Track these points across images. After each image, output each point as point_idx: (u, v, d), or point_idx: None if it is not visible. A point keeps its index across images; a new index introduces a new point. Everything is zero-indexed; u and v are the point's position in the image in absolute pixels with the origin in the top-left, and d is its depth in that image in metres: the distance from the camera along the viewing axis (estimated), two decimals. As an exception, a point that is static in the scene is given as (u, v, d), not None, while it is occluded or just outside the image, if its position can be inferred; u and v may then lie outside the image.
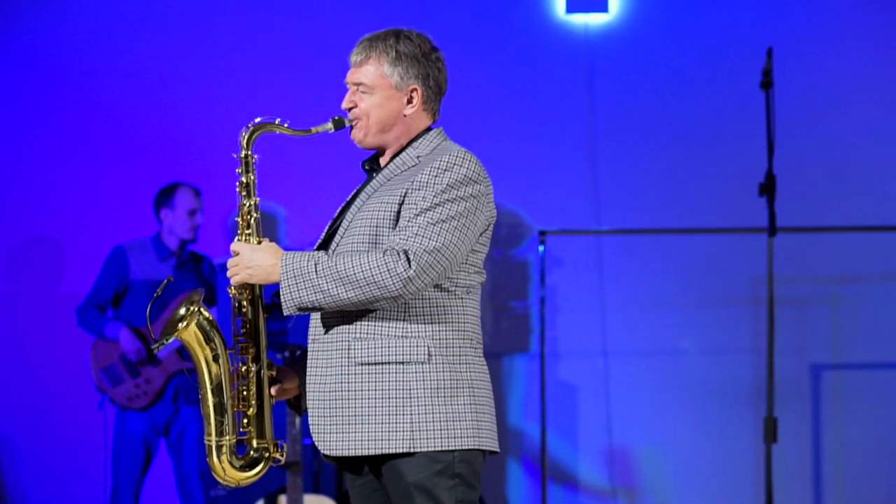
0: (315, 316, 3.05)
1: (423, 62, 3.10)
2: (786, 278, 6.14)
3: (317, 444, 3.02)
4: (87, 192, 6.51)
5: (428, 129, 3.15)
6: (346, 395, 2.97)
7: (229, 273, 3.03)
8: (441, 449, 2.95)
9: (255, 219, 3.05)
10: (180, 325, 3.01)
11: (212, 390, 3.04)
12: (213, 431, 3.05)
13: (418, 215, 2.94)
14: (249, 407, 3.05)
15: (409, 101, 3.10)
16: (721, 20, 6.55)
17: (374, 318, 2.98)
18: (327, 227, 3.16)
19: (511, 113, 6.56)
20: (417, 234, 2.92)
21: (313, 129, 3.09)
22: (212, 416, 3.04)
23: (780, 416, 5.49)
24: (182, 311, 3.02)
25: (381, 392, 2.95)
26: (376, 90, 3.08)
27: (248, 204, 3.05)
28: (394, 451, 2.94)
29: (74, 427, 6.42)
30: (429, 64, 3.11)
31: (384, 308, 2.97)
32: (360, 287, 2.89)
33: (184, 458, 5.90)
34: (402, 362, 2.96)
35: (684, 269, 6.49)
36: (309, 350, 3.06)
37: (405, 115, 3.10)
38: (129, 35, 6.57)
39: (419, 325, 2.98)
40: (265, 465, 3.09)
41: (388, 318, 2.98)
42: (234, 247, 3.03)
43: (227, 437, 3.04)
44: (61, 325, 6.25)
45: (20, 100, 6.56)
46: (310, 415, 3.03)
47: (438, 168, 2.98)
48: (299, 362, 3.16)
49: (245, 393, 3.05)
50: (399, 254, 2.89)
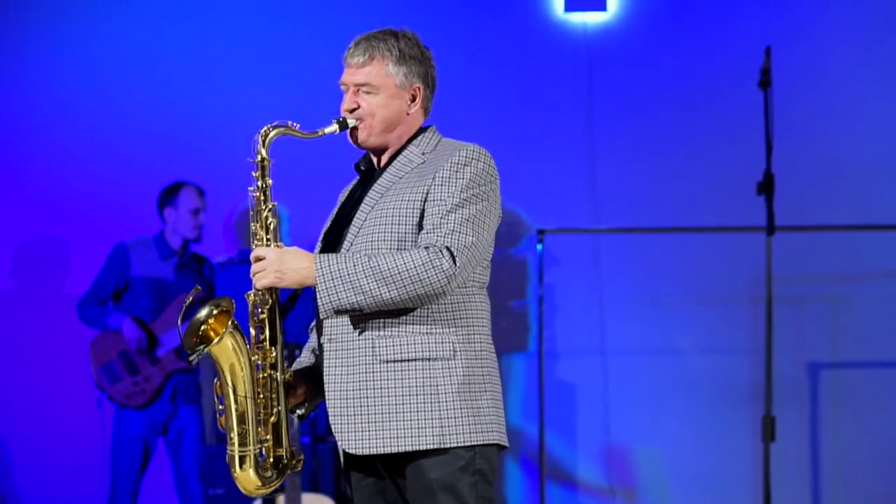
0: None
1: (422, 61, 3.11)
2: (784, 277, 6.14)
3: (341, 443, 2.97)
4: (92, 192, 6.51)
5: (423, 128, 3.15)
6: (373, 394, 2.94)
7: (255, 277, 2.96)
8: (468, 444, 2.94)
9: (273, 224, 3.00)
10: (203, 329, 2.95)
11: (237, 401, 2.98)
12: (236, 442, 2.98)
13: (450, 212, 2.93)
14: (270, 415, 3.01)
15: (413, 100, 3.10)
16: (719, 19, 6.55)
17: (398, 316, 2.95)
18: (327, 228, 3.14)
19: (509, 111, 6.56)
20: (454, 231, 2.92)
21: (320, 132, 3.06)
22: (235, 427, 2.98)
23: (778, 415, 5.49)
24: (203, 313, 2.96)
25: (409, 389, 2.93)
26: (381, 90, 3.07)
27: (265, 209, 3.01)
28: (424, 447, 2.92)
29: (75, 426, 6.42)
30: (426, 62, 3.12)
31: (415, 307, 2.95)
32: (405, 285, 2.87)
33: (182, 458, 5.90)
34: (429, 359, 2.95)
35: (683, 268, 6.49)
36: (325, 350, 3.02)
37: (408, 114, 3.10)
38: (134, 34, 6.57)
39: (443, 322, 2.98)
40: (283, 473, 3.04)
41: (412, 316, 2.96)
42: (257, 252, 2.97)
43: (250, 448, 2.99)
44: (66, 324, 6.24)
45: (25, 99, 6.56)
46: (332, 414, 2.98)
47: (458, 163, 2.98)
48: (303, 367, 3.14)
49: (264, 400, 3.00)
50: (441, 250, 2.89)
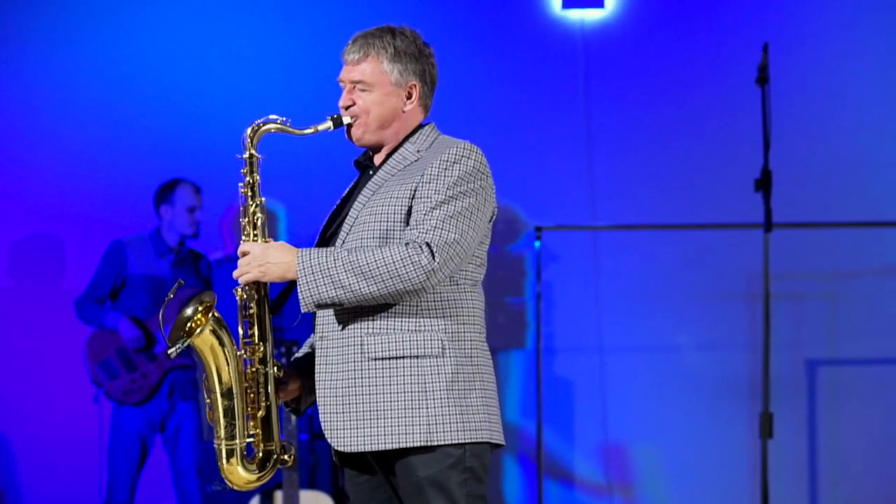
0: (323, 314, 3.02)
1: (420, 58, 3.10)
2: (781, 274, 6.14)
3: (330, 441, 2.97)
4: (88, 189, 6.51)
5: (421, 125, 3.14)
6: (361, 391, 2.94)
7: (239, 272, 2.97)
8: (457, 442, 2.94)
9: (261, 220, 3.01)
10: (189, 326, 2.97)
11: (223, 394, 2.99)
12: (222, 435, 3.00)
13: (434, 208, 2.93)
14: (258, 409, 3.01)
15: (409, 98, 3.10)
16: (716, 16, 6.55)
17: (387, 313, 2.95)
18: (324, 224, 3.14)
19: (507, 109, 6.56)
20: (436, 227, 2.91)
21: (314, 128, 3.06)
22: (222, 420, 3.00)
23: (776, 411, 5.49)
24: (189, 310, 2.97)
25: (397, 386, 2.93)
26: (376, 87, 3.06)
27: (253, 205, 3.02)
28: (411, 444, 2.92)
29: (72, 423, 6.42)
30: (424, 60, 3.11)
31: (397, 302, 2.95)
32: (384, 280, 2.87)
33: (180, 454, 5.90)
34: (417, 356, 2.95)
35: (680, 265, 6.49)
36: (317, 347, 3.02)
37: (404, 112, 3.10)
38: (130, 32, 6.57)
39: (432, 319, 2.97)
40: (273, 467, 3.05)
41: (401, 313, 2.96)
42: (243, 247, 2.98)
43: (237, 441, 3.00)
44: (63, 321, 6.24)
45: (22, 97, 6.55)
46: (322, 412, 2.99)
47: (447, 161, 2.97)
48: (300, 363, 3.14)
49: (253, 395, 3.01)
50: (421, 246, 2.89)
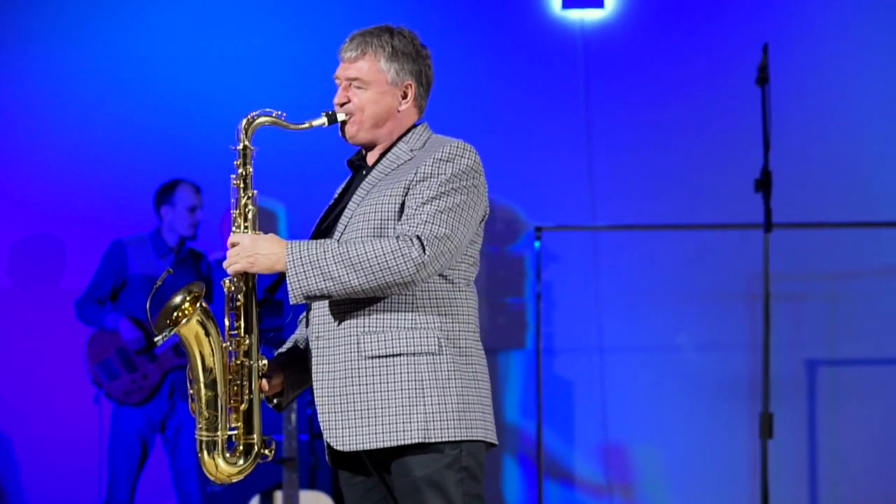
0: (317, 312, 3.02)
1: (417, 59, 3.11)
2: (781, 274, 6.14)
3: (329, 440, 2.97)
4: (89, 189, 6.51)
5: (414, 125, 3.15)
6: (358, 390, 2.95)
7: (227, 263, 2.98)
8: (454, 439, 2.94)
9: (252, 212, 3.02)
10: (176, 315, 2.98)
11: (206, 385, 3.00)
12: (204, 426, 3.02)
13: (425, 203, 2.93)
14: (241, 402, 3.02)
15: (404, 97, 3.10)
16: (716, 16, 6.55)
17: (383, 311, 2.96)
18: (317, 223, 3.14)
19: (507, 109, 6.56)
20: (427, 221, 2.92)
21: (308, 123, 3.08)
22: (204, 411, 3.01)
23: (776, 411, 5.49)
24: (178, 299, 2.99)
25: (394, 384, 2.93)
26: (372, 85, 3.07)
27: (245, 197, 3.03)
28: (409, 441, 2.92)
29: (72, 424, 6.41)
30: (421, 61, 3.12)
31: (392, 300, 2.95)
32: (373, 272, 2.87)
33: (180, 455, 5.90)
34: (414, 353, 2.95)
35: (680, 265, 6.49)
36: (312, 347, 3.03)
37: (399, 111, 3.11)
38: (130, 32, 6.57)
39: (428, 317, 2.97)
40: (253, 461, 3.05)
41: (397, 311, 2.96)
42: (232, 238, 2.99)
43: (219, 433, 3.01)
44: (63, 322, 6.23)
45: (21, 98, 6.55)
46: (319, 411, 2.99)
47: (441, 159, 2.98)
48: (283, 358, 3.15)
49: (236, 388, 3.02)
50: (412, 239, 2.89)
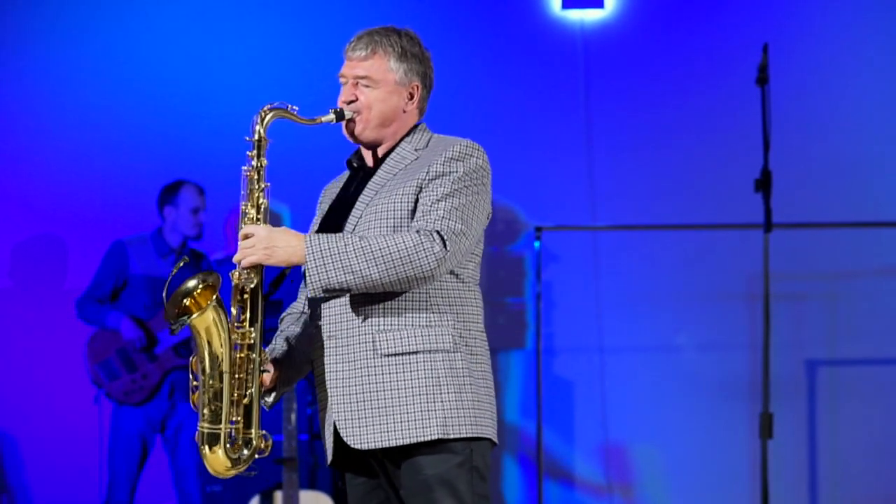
0: (329, 312, 3.02)
1: (422, 61, 3.13)
2: (781, 274, 6.14)
3: (345, 439, 2.97)
4: (90, 190, 6.51)
5: (415, 125, 3.16)
6: (374, 388, 2.95)
7: (241, 255, 2.96)
8: (469, 436, 2.96)
9: (264, 204, 3.02)
10: (187, 301, 2.98)
11: (213, 376, 3.00)
12: (207, 419, 3.01)
13: (440, 200, 2.95)
14: (243, 396, 3.01)
15: (410, 98, 3.12)
16: (716, 16, 6.55)
17: (398, 310, 2.97)
18: (320, 224, 3.15)
19: (507, 109, 6.56)
20: (444, 217, 2.93)
21: (317, 119, 3.08)
22: (208, 403, 3.00)
23: (776, 412, 5.49)
24: (191, 283, 2.98)
25: (411, 382, 2.95)
26: (381, 84, 3.08)
27: (258, 188, 3.02)
28: (427, 438, 2.93)
29: (72, 423, 6.41)
30: (426, 63, 3.15)
31: (406, 299, 2.96)
32: (395, 266, 2.88)
33: (180, 455, 5.90)
34: (430, 350, 2.96)
35: (680, 265, 6.49)
36: (325, 346, 3.02)
37: (404, 112, 3.12)
38: (132, 32, 6.57)
39: (442, 315, 2.99)
40: (251, 455, 3.04)
41: (412, 309, 2.97)
42: (246, 230, 2.97)
43: (221, 426, 3.01)
44: (64, 322, 6.23)
45: (23, 98, 6.55)
46: (335, 411, 2.99)
47: (452, 157, 3.00)
48: (277, 357, 3.14)
49: (240, 381, 3.01)
50: (432, 234, 2.90)
